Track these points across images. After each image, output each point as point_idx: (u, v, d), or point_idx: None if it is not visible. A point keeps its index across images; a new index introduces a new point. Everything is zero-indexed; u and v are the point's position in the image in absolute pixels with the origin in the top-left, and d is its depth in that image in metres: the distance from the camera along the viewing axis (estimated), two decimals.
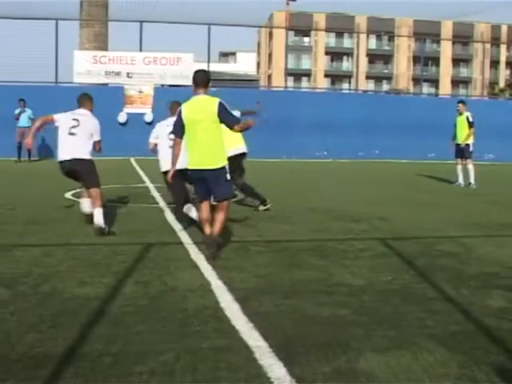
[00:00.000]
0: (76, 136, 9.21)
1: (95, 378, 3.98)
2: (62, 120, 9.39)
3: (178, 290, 5.94)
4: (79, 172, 9.22)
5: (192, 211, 9.31)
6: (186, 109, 7.64)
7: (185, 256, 7.44)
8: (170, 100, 10.42)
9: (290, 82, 75.77)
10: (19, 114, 22.62)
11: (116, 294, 5.79)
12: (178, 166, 8.04)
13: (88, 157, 9.26)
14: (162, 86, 26.66)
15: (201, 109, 7.55)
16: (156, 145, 10.16)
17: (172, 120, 9.02)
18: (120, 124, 23.73)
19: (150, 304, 5.52)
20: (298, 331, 4.88)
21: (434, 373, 4.14)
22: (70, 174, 9.38)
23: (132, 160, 21.29)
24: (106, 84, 26.62)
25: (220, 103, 7.52)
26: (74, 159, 9.14)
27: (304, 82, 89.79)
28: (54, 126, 9.34)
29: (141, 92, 25.43)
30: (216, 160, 7.54)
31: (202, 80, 7.70)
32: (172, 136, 8.25)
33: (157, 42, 27.91)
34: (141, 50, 26.71)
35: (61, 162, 9.27)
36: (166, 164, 9.39)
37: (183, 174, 8.30)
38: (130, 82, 26.07)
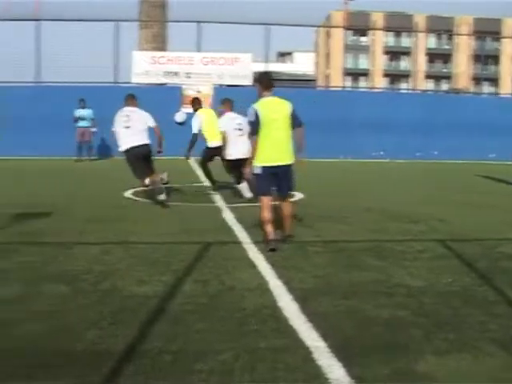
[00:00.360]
0: (131, 128, 11.60)
1: (155, 375, 4.02)
2: (117, 121, 11.87)
3: (237, 289, 5.96)
4: (145, 155, 11.61)
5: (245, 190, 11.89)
6: (262, 108, 7.97)
7: (243, 255, 7.46)
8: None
9: (348, 82, 75.34)
10: (78, 114, 22.95)
11: (175, 293, 5.84)
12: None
13: (148, 141, 11.73)
14: (221, 85, 26.76)
15: (276, 109, 8.05)
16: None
17: (234, 115, 12.59)
18: (178, 123, 23.88)
19: (209, 303, 5.55)
20: (357, 332, 4.85)
21: (495, 377, 4.07)
22: (137, 159, 11.54)
23: (190, 159, 21.39)
24: (164, 84, 26.84)
25: (292, 105, 8.15)
26: (140, 145, 11.57)
27: (362, 82, 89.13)
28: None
29: (199, 92, 25.56)
30: (289, 156, 8.08)
31: (270, 82, 8.23)
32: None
33: (215, 43, 28.15)
34: (199, 51, 26.86)
35: (128, 150, 11.59)
36: (231, 153, 12.12)
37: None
38: (189, 82, 26.25)
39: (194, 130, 13.42)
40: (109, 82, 25.59)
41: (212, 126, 13.22)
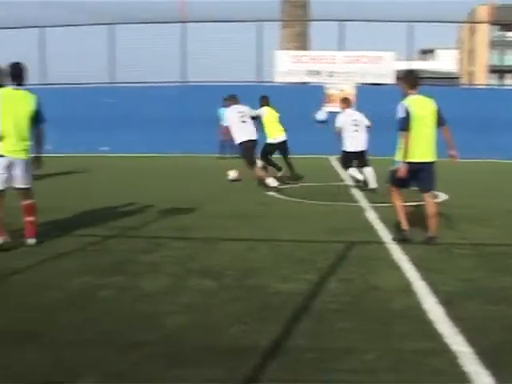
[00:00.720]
0: (247, 122, 14.23)
1: (299, 372, 4.05)
2: (231, 116, 14.46)
3: (381, 290, 5.91)
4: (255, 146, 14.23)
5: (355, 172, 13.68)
6: (412, 106, 8.06)
7: (386, 255, 7.39)
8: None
9: (493, 80, 72.88)
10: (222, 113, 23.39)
11: (319, 291, 5.86)
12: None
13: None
14: (363, 84, 26.56)
15: (424, 106, 8.15)
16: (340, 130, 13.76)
17: (352, 111, 14.28)
18: (319, 122, 23.94)
19: (353, 302, 5.54)
20: (507, 338, 4.69)
21: None
22: (251, 150, 14.11)
23: (331, 158, 21.36)
24: (306, 83, 26.95)
25: (437, 103, 8.24)
26: (253, 140, 14.12)
27: (508, 80, 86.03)
28: None
29: (342, 91, 25.50)
30: (433, 154, 8.16)
31: (416, 81, 8.33)
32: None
33: (357, 41, 27.90)
34: (341, 49, 26.79)
35: (244, 142, 14.02)
36: (350, 145, 13.64)
37: None
38: (331, 80, 26.24)
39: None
40: (252, 81, 25.94)
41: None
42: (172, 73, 25.83)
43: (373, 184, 13.22)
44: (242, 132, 14.13)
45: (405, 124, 8.01)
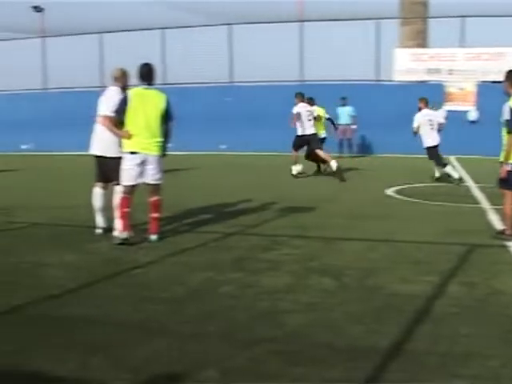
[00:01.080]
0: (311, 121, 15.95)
1: (420, 375, 4.01)
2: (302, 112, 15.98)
3: (505, 295, 5.76)
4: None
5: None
6: None
7: (510, 260, 7.20)
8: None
9: None
10: (340, 111, 23.36)
11: (440, 294, 5.77)
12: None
13: None
14: (484, 82, 25.83)
15: None
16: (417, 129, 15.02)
17: (427, 111, 15.29)
18: (471, 122, 23.51)
19: (475, 306, 5.43)
20: None
21: None
22: None
23: (452, 158, 20.91)
24: (426, 81, 26.46)
25: None
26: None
27: None
28: None
29: (462, 89, 24.92)
30: None
31: None
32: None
33: (479, 37, 27.10)
34: (462, 46, 26.13)
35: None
36: (428, 141, 15.01)
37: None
38: (451, 78, 25.66)
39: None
40: (370, 80, 25.73)
41: None
42: (289, 72, 25.90)
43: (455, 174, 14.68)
44: None
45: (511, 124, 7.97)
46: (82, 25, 27.21)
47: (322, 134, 17.85)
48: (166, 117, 8.18)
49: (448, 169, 14.83)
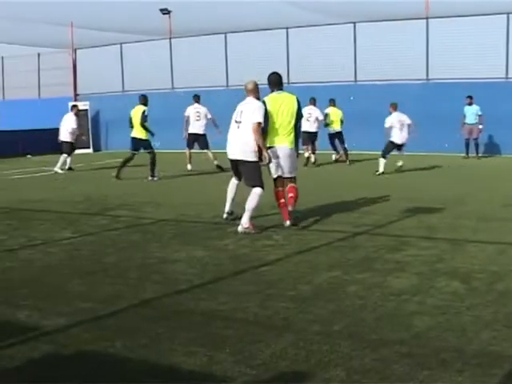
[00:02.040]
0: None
1: None
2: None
3: None
4: None
5: None
6: None
7: None
8: None
9: None
10: (466, 111, 22.77)
11: None
12: None
13: None
14: None
15: None
16: None
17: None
18: None
19: None
20: None
21: None
22: None
23: None
24: None
25: None
26: None
27: None
28: None
29: None
30: None
31: None
32: None
33: None
34: None
35: None
36: None
37: None
38: None
39: None
40: (499, 78, 24.93)
41: None
42: (415, 71, 25.44)
43: None
44: None
45: None
46: (208, 24, 27.70)
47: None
48: (297, 115, 9.34)
49: None
